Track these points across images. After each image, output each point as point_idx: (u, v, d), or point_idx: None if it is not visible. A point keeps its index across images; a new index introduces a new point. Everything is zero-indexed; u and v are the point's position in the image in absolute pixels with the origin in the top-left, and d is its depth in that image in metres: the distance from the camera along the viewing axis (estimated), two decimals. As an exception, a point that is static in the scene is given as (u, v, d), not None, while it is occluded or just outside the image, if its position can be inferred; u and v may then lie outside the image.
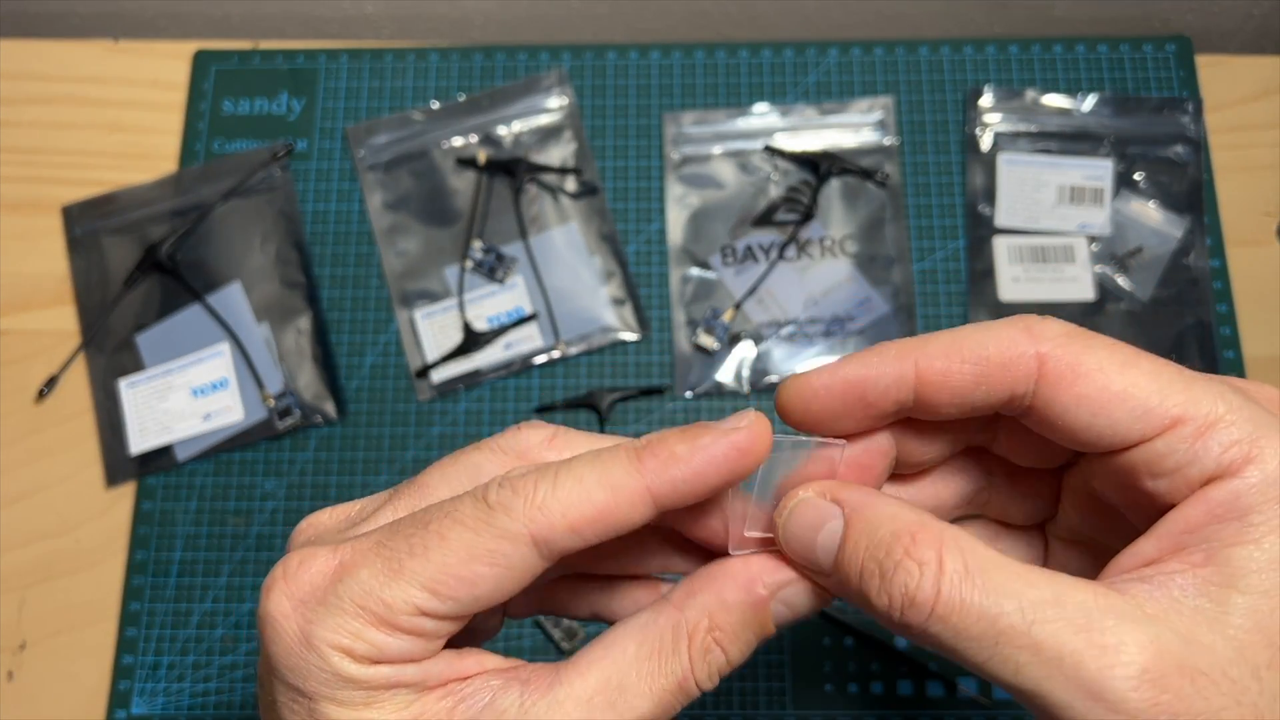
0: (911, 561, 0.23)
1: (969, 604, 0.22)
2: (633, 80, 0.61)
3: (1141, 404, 0.24)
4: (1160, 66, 0.60)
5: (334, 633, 0.24)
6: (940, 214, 0.58)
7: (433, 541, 0.25)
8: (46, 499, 0.54)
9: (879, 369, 0.26)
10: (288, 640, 0.25)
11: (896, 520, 0.24)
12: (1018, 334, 0.25)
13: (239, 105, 0.61)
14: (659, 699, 0.25)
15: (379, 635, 0.24)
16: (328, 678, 0.24)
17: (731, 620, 0.26)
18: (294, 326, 0.56)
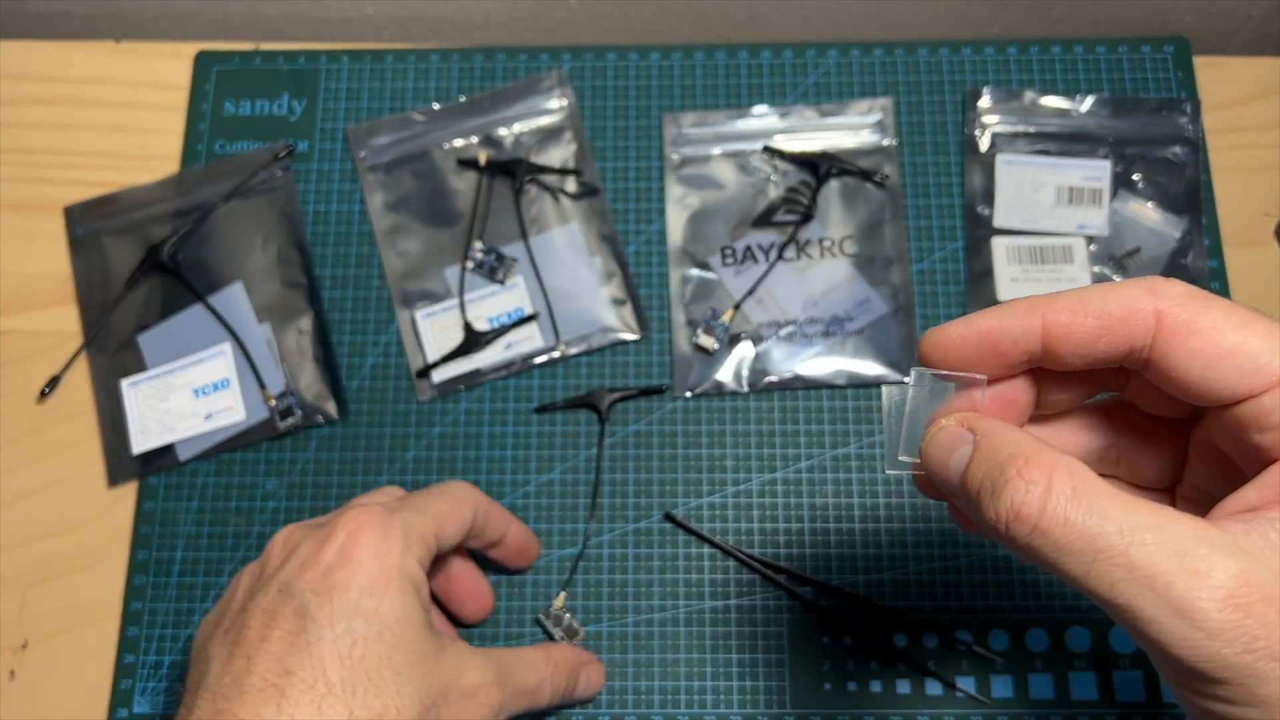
0: (1021, 480, 0.25)
1: (1072, 521, 0.25)
2: (633, 81, 0.61)
3: (1251, 361, 0.26)
4: (1158, 68, 0.61)
5: (404, 540, 0.40)
6: (939, 214, 0.58)
7: (434, 501, 0.44)
8: (48, 498, 0.55)
9: (1010, 320, 0.29)
10: (382, 541, 0.39)
11: (1017, 446, 0.27)
12: (1140, 292, 0.27)
13: (240, 106, 0.61)
14: (533, 681, 0.44)
15: (420, 547, 0.41)
16: (398, 566, 0.39)
17: (566, 665, 0.47)
18: (295, 327, 0.57)
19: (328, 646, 0.36)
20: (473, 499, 0.45)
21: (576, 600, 0.52)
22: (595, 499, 0.53)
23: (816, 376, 0.55)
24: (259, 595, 0.38)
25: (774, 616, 0.51)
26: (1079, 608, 0.51)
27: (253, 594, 0.39)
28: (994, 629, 0.51)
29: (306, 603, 0.37)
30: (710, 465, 0.54)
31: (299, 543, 0.40)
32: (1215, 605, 0.23)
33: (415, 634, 0.38)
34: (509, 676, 0.41)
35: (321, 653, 0.36)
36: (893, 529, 0.53)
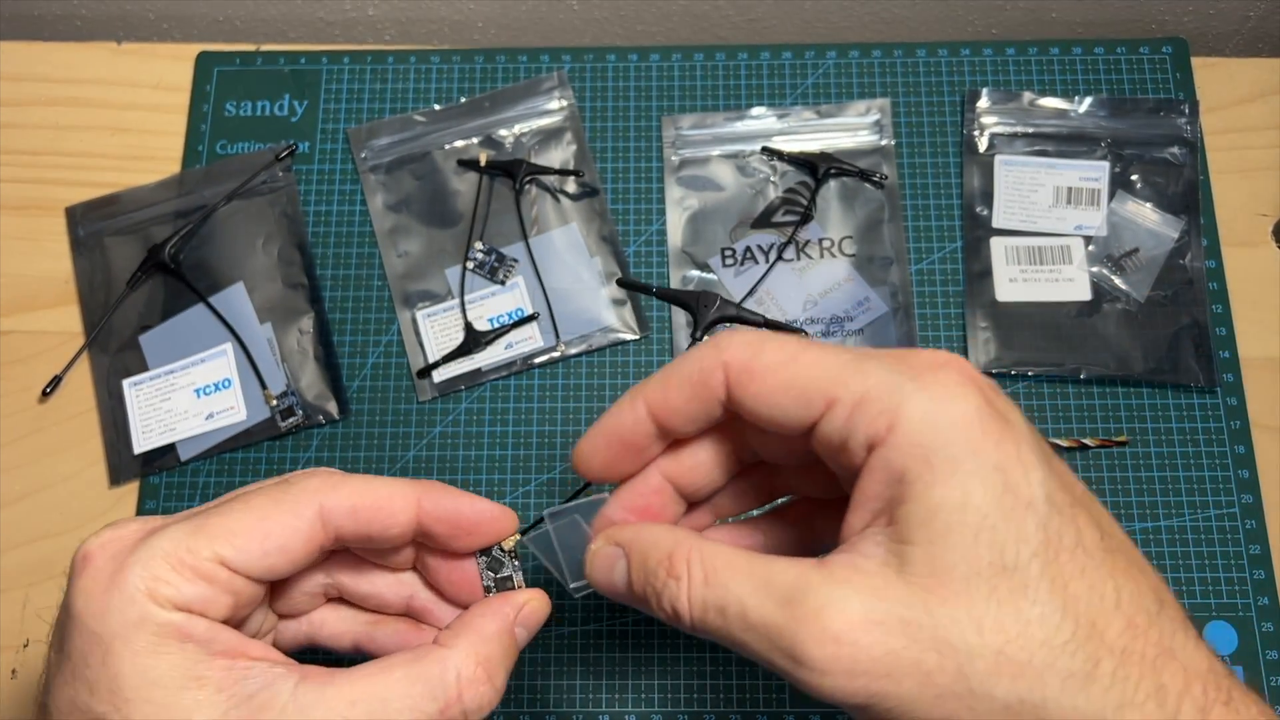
0: (671, 580, 0.29)
1: (709, 603, 0.28)
2: (632, 83, 0.62)
3: (801, 391, 0.28)
4: (1156, 69, 0.61)
5: (140, 577, 0.28)
6: (938, 215, 0.58)
7: (237, 505, 0.31)
8: (50, 498, 0.55)
9: (619, 415, 0.32)
10: (95, 588, 0.28)
11: (659, 547, 0.30)
12: (709, 351, 0.30)
13: (242, 107, 0.62)
14: (417, 718, 0.30)
15: (180, 579, 0.29)
16: (127, 619, 0.28)
17: (493, 649, 0.32)
18: (296, 327, 0.57)
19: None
20: (316, 499, 0.31)
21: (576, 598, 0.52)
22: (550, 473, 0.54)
23: (816, 376, 0.55)
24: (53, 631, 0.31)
25: (773, 615, 0.52)
26: (1077, 606, 0.51)
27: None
28: (993, 628, 0.51)
29: (48, 666, 0.30)
30: (710, 465, 0.54)
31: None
32: (815, 644, 0.25)
33: (169, 709, 0.28)
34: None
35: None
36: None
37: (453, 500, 0.33)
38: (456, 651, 0.31)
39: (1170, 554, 0.51)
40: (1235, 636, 0.50)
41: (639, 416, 0.31)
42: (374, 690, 0.29)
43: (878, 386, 0.27)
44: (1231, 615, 0.50)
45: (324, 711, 0.28)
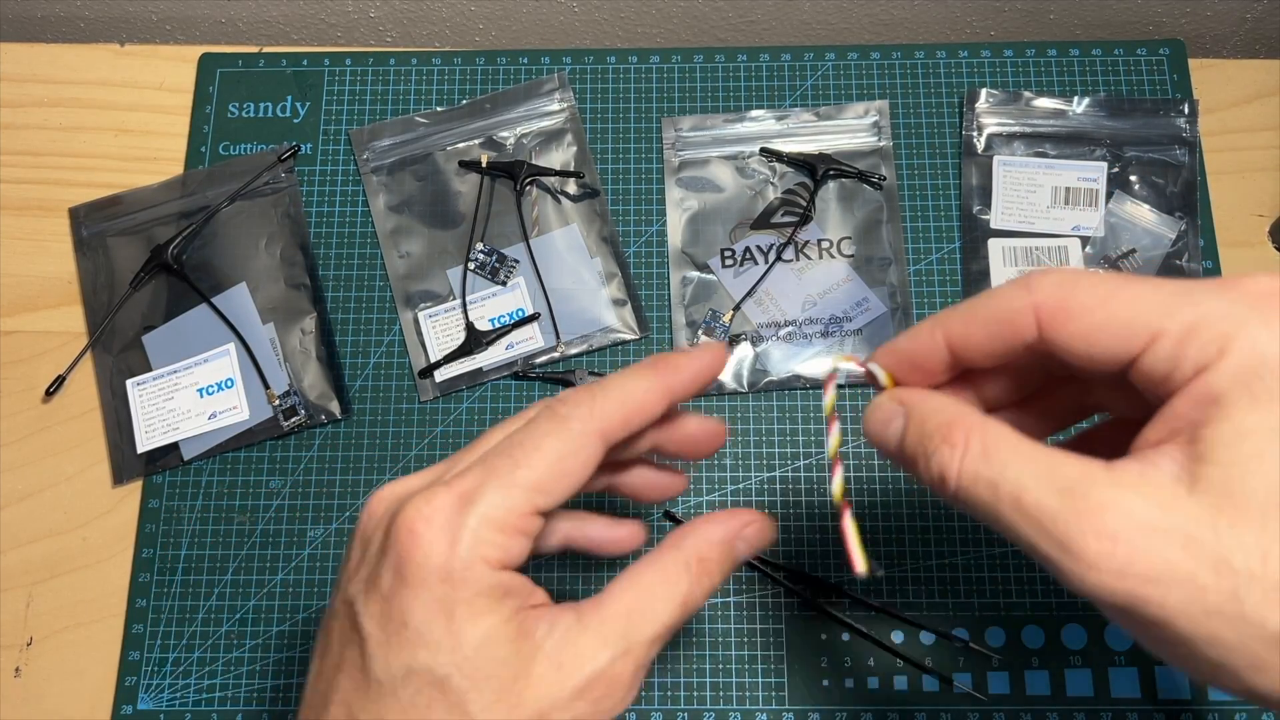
0: (946, 445, 0.29)
1: (980, 476, 0.28)
2: (633, 84, 0.62)
3: (1124, 326, 0.28)
4: (1154, 70, 0.61)
5: (472, 544, 0.30)
6: (936, 216, 0.59)
7: (531, 454, 0.31)
8: (54, 496, 0.55)
9: (916, 341, 0.32)
10: (436, 557, 0.30)
11: (941, 414, 0.30)
12: (1016, 290, 0.29)
13: (244, 109, 0.62)
14: (672, 611, 0.32)
15: (506, 539, 0.31)
16: (468, 585, 0.30)
17: (715, 554, 0.34)
18: (299, 327, 0.57)
19: (389, 701, 0.30)
20: (595, 426, 0.32)
21: (577, 597, 0.52)
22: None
23: (816, 376, 0.56)
24: (337, 603, 0.33)
25: (772, 613, 0.52)
26: (1074, 605, 0.51)
27: (338, 589, 0.33)
28: (990, 626, 0.51)
29: (368, 637, 0.31)
30: (710, 464, 0.55)
31: (373, 533, 0.33)
32: (1092, 538, 0.25)
33: (498, 661, 0.30)
34: (638, 629, 0.32)
35: (383, 710, 0.30)
36: (890, 527, 0.53)
37: (685, 365, 0.35)
38: (686, 551, 0.33)
39: (1167, 553, 0.52)
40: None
41: (936, 344, 0.31)
42: (637, 597, 0.32)
43: (1210, 314, 0.27)
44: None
45: (608, 624, 0.32)
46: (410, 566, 0.30)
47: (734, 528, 0.35)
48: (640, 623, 0.32)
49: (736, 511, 0.35)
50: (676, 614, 0.33)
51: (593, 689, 0.31)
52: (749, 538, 0.35)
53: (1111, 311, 0.28)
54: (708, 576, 0.34)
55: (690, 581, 0.33)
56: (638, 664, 0.32)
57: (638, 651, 0.32)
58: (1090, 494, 0.26)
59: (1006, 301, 0.30)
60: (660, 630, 0.32)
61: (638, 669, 0.32)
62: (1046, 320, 0.29)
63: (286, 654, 0.52)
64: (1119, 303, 0.28)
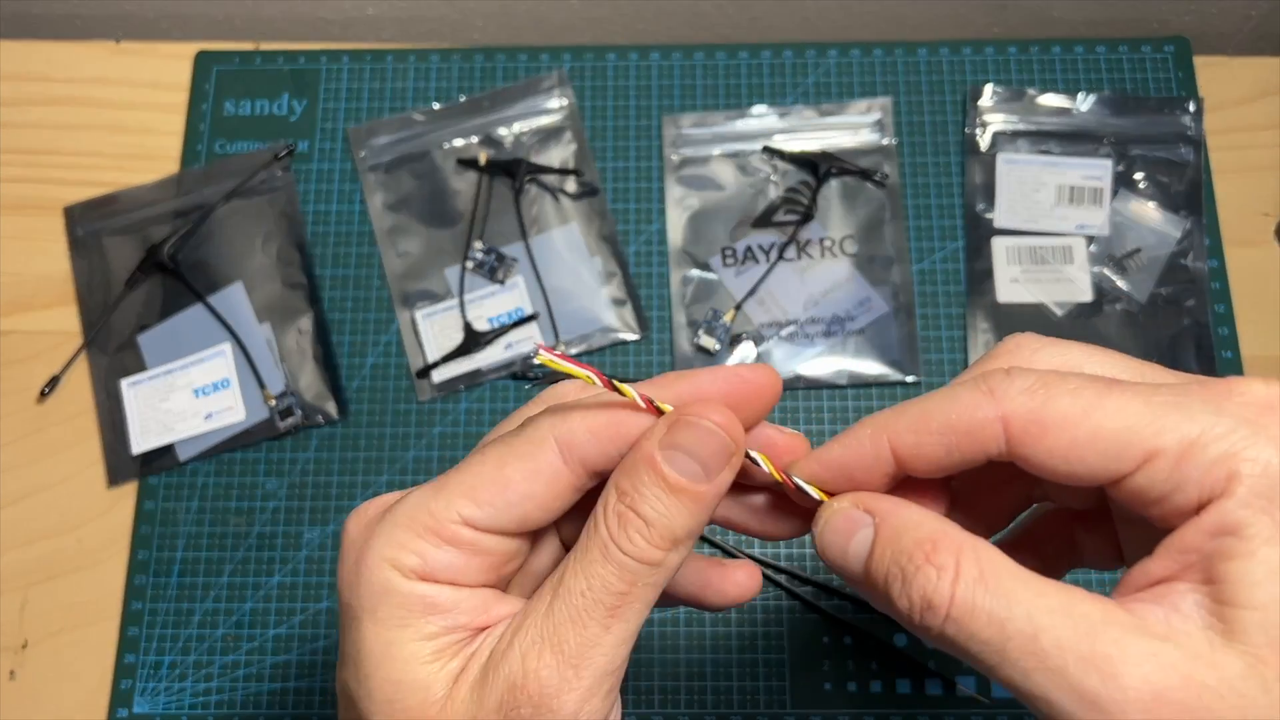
0: (930, 567, 0.24)
1: (980, 608, 0.23)
2: (633, 82, 0.61)
3: (1113, 444, 0.24)
4: (1158, 68, 0.61)
5: (384, 546, 0.27)
6: (939, 214, 0.58)
7: (473, 460, 0.28)
8: (48, 498, 0.55)
9: (856, 451, 0.27)
10: (349, 560, 0.28)
11: (920, 528, 0.25)
12: (980, 398, 0.26)
13: (241, 106, 0.61)
14: (592, 582, 0.27)
15: (424, 544, 0.27)
16: (373, 591, 0.27)
17: (632, 480, 0.27)
18: (295, 327, 0.57)
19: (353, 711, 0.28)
20: (548, 434, 0.28)
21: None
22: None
23: (818, 376, 0.55)
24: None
25: (774, 616, 0.51)
26: (1079, 608, 0.51)
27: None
28: (994, 629, 0.51)
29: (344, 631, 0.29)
30: (710, 465, 0.54)
31: None
32: (1130, 696, 0.22)
33: (401, 685, 0.27)
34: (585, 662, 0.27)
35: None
36: (893, 529, 0.53)
37: (691, 381, 0.28)
38: (603, 495, 0.28)
39: (1172, 555, 0.51)
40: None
41: (880, 456, 0.27)
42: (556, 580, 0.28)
43: (1209, 432, 0.24)
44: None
45: (522, 642, 0.27)
46: (338, 569, 0.28)
47: (654, 439, 0.27)
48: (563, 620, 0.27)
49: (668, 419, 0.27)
50: (601, 581, 0.27)
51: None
52: (681, 443, 0.27)
53: (1095, 426, 0.25)
54: (629, 512, 0.27)
55: (604, 531, 0.27)
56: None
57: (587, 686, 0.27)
58: (1122, 642, 0.22)
59: (968, 411, 0.26)
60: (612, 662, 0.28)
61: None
62: (1017, 436, 0.25)
63: (284, 657, 0.52)
64: (1103, 415, 0.25)
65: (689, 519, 0.27)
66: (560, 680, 0.26)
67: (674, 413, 0.27)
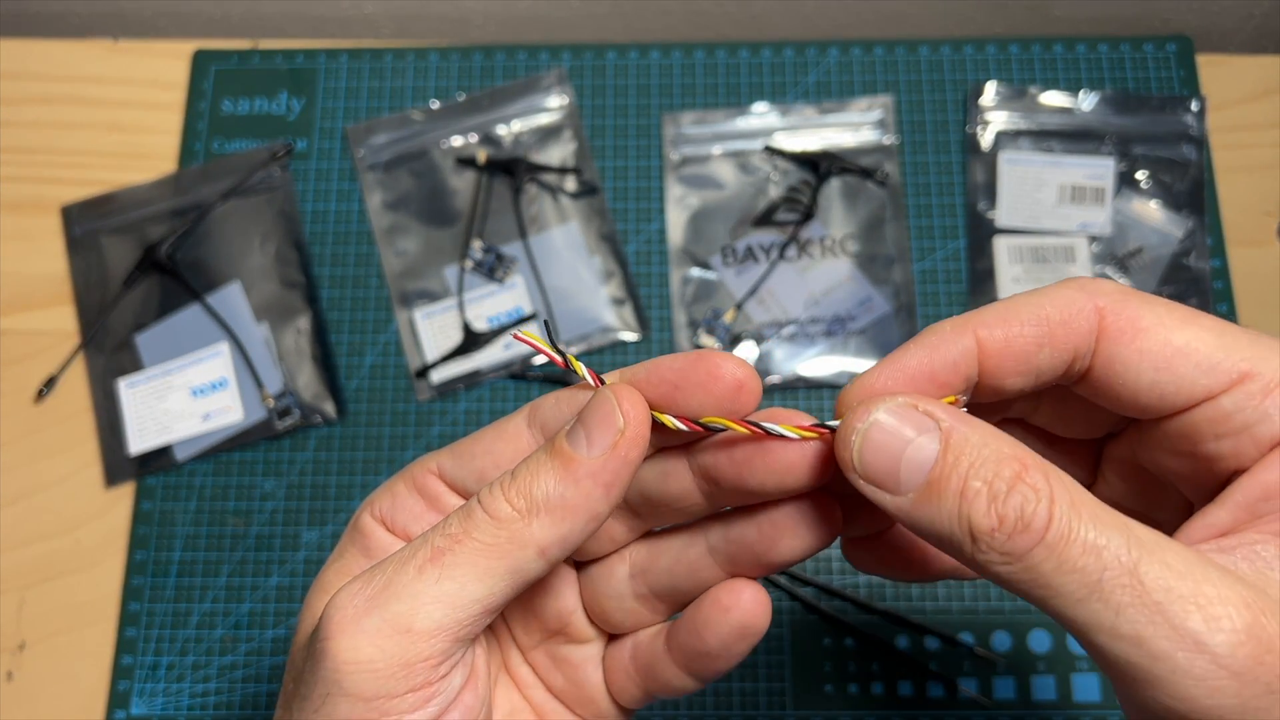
0: (1025, 485, 0.21)
1: (1076, 534, 0.21)
2: (632, 80, 0.61)
3: (1207, 358, 0.23)
4: (1161, 66, 0.60)
5: (380, 487, 0.29)
6: (940, 213, 0.58)
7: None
8: (46, 499, 0.54)
9: (942, 349, 0.25)
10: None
11: (1001, 443, 0.22)
12: (1073, 292, 0.24)
13: (238, 105, 0.61)
14: (436, 526, 0.25)
15: (401, 486, 0.29)
16: (352, 520, 0.29)
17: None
18: (293, 326, 0.56)
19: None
20: (530, 403, 0.28)
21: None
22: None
23: (819, 376, 0.55)
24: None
25: (775, 618, 0.51)
26: (1081, 609, 0.51)
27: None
28: (996, 630, 0.51)
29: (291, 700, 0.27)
30: (711, 466, 0.54)
31: None
32: (1236, 639, 0.20)
33: (314, 599, 0.27)
34: None
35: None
36: (894, 530, 0.52)
37: (654, 362, 0.27)
38: None
39: (1175, 556, 0.51)
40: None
41: (967, 352, 0.24)
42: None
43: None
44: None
45: None
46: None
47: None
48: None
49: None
50: (481, 560, 0.24)
51: None
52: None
53: (1192, 336, 0.23)
54: (507, 474, 0.25)
55: (487, 494, 0.25)
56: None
57: None
58: (1221, 584, 0.21)
59: (1064, 301, 0.24)
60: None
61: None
62: (1112, 330, 0.23)
63: (282, 659, 0.52)
64: (1202, 329, 0.23)
65: (553, 484, 0.24)
66: (343, 616, 0.24)
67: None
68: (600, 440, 0.24)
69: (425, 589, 0.24)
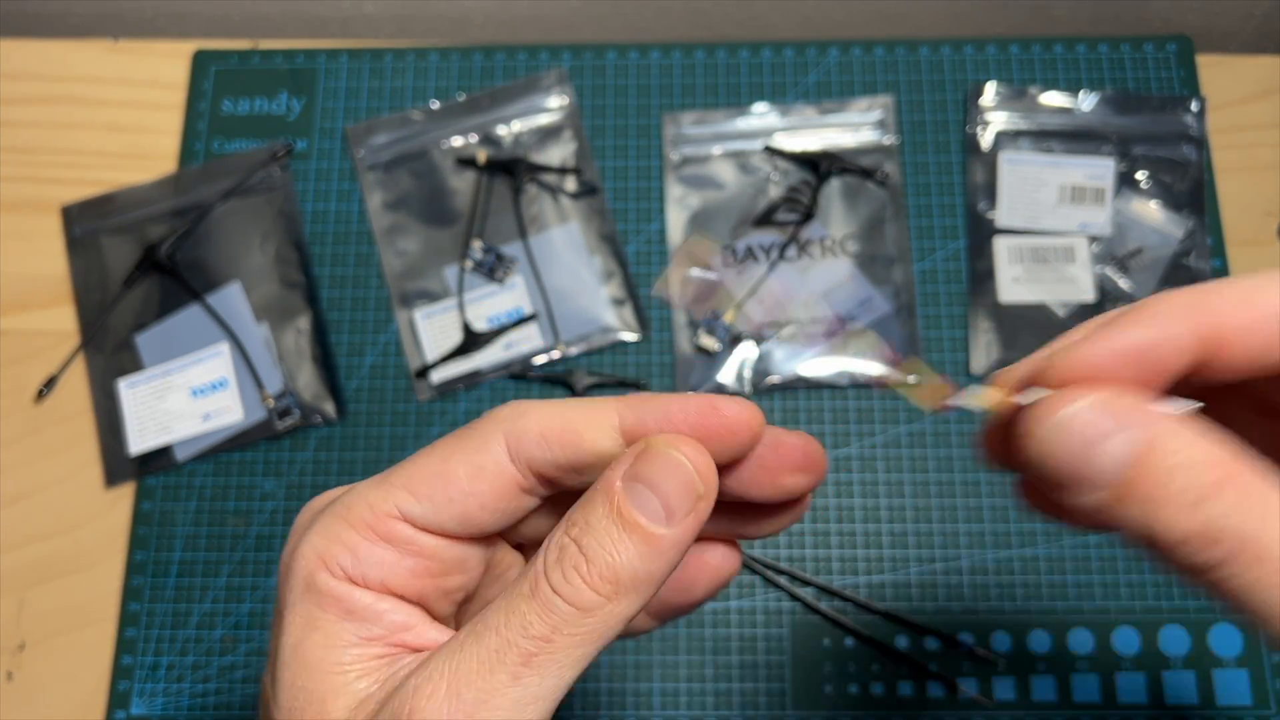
0: (1225, 499, 0.20)
1: (1270, 553, 0.20)
2: (632, 80, 0.61)
3: None
4: (1161, 66, 0.60)
5: (318, 538, 0.25)
6: (940, 214, 0.58)
7: (420, 454, 0.25)
8: (45, 499, 0.54)
9: (1167, 329, 0.22)
10: (286, 551, 0.25)
11: (1208, 447, 0.21)
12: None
13: (238, 105, 0.61)
14: (511, 620, 0.23)
15: (357, 538, 0.25)
16: (299, 585, 0.25)
17: (585, 511, 0.24)
18: (293, 326, 0.56)
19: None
20: (498, 430, 0.25)
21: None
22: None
23: (818, 377, 0.55)
24: None
25: (775, 618, 0.51)
26: (1081, 610, 0.51)
27: None
28: (996, 631, 0.51)
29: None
30: (711, 466, 0.54)
31: None
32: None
33: (308, 694, 0.24)
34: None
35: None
36: (894, 530, 0.52)
37: (661, 404, 0.25)
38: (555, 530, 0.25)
39: (1175, 556, 0.51)
40: (1240, 640, 0.50)
41: (1193, 333, 0.22)
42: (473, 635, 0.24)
43: None
44: (1237, 618, 0.50)
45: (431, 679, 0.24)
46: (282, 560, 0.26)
47: (619, 473, 0.24)
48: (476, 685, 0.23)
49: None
50: (521, 623, 0.23)
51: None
52: (645, 475, 0.24)
53: None
54: (572, 545, 0.24)
55: (539, 566, 0.24)
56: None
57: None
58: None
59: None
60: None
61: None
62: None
63: (281, 659, 0.52)
64: None
65: (638, 562, 0.23)
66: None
67: (643, 442, 0.24)
68: (680, 510, 0.23)
69: (524, 692, 0.22)
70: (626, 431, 0.25)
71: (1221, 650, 0.50)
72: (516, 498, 0.25)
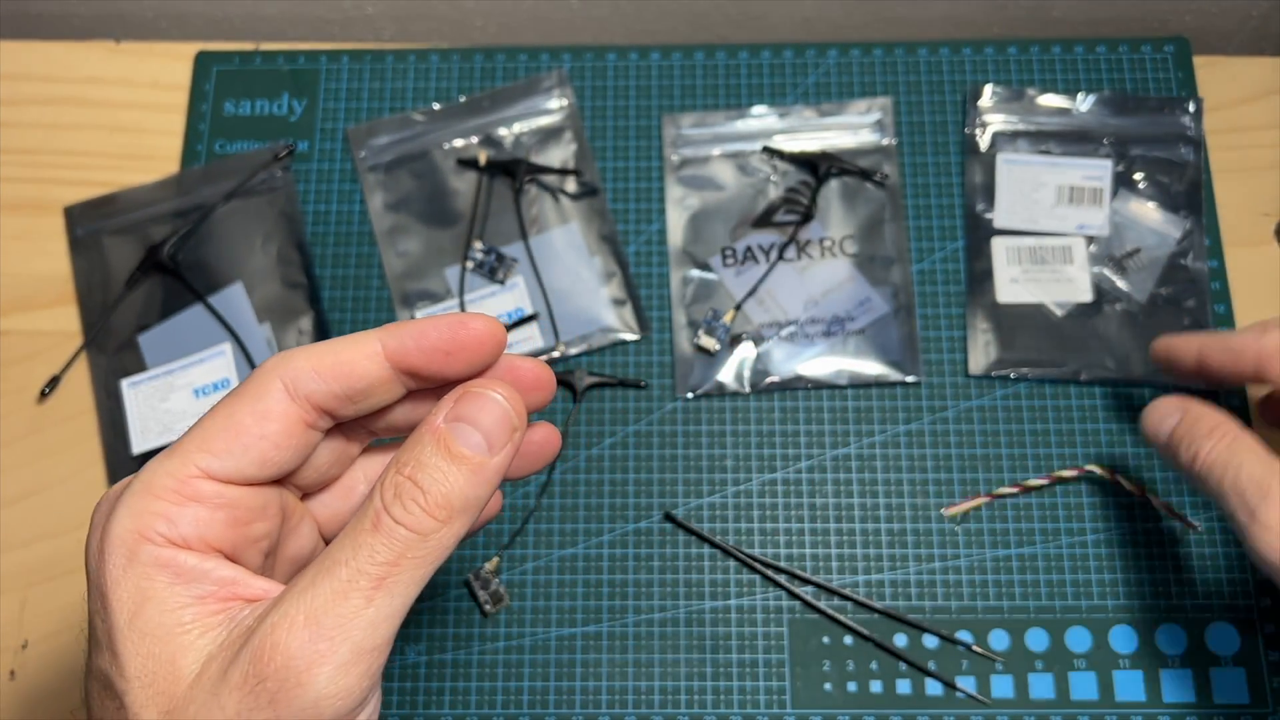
0: (1207, 439, 0.42)
1: (1217, 460, 0.41)
2: (633, 81, 0.61)
3: None
4: (1158, 67, 0.61)
5: (126, 517, 0.26)
6: (939, 214, 0.58)
7: (203, 418, 0.28)
8: (48, 499, 0.55)
9: (1237, 355, 0.45)
10: (93, 541, 0.27)
11: (1211, 416, 0.43)
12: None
13: (240, 106, 0.61)
14: (359, 552, 0.26)
15: (167, 505, 0.26)
16: (120, 564, 0.26)
17: (414, 452, 0.27)
18: (295, 327, 0.57)
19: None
20: (273, 375, 0.28)
21: (576, 600, 0.52)
22: (550, 474, 0.54)
23: (818, 376, 0.55)
24: None
25: (774, 617, 0.51)
26: (1079, 608, 0.51)
27: None
28: (994, 629, 0.51)
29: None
30: (710, 465, 0.54)
31: None
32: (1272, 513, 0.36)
33: (155, 659, 0.25)
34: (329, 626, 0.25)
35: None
36: (893, 529, 0.53)
37: (416, 325, 0.28)
38: (387, 469, 0.28)
39: (1172, 555, 0.51)
40: (1237, 638, 0.50)
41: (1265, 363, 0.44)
42: (324, 558, 0.27)
43: None
44: (1234, 616, 0.50)
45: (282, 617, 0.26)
46: (85, 561, 0.28)
47: (441, 414, 0.28)
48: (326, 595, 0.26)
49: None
50: (369, 552, 0.26)
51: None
52: (468, 415, 0.28)
53: None
54: (408, 483, 0.26)
55: (378, 502, 0.26)
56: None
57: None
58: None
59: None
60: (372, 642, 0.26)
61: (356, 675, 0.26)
62: None
63: (283, 657, 0.52)
64: None
65: (468, 488, 0.27)
66: (312, 654, 0.25)
67: (460, 388, 0.28)
68: (499, 441, 0.27)
69: (377, 612, 0.25)
70: (390, 356, 0.28)
71: (1219, 648, 0.50)
72: (304, 433, 0.28)
